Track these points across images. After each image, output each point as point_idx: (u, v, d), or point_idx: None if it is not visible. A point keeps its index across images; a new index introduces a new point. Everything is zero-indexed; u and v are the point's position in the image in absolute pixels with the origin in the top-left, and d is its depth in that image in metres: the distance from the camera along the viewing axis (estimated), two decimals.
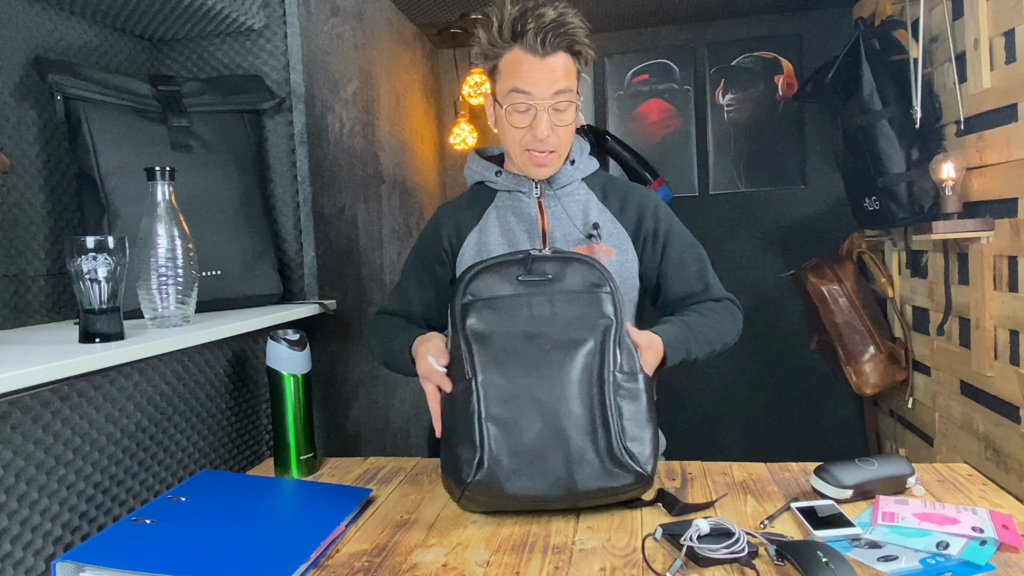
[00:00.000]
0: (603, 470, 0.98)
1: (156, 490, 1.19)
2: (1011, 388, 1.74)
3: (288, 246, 1.63)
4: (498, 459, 0.98)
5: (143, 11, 1.44)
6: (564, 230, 1.29)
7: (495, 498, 1.00)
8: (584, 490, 0.99)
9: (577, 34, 1.20)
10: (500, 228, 1.32)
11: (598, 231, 1.29)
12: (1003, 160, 1.75)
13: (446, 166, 3.26)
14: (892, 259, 2.54)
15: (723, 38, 3.01)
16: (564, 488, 0.98)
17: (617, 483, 0.99)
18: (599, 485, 0.99)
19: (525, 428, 0.98)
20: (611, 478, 0.99)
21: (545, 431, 0.98)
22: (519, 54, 1.20)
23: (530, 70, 1.19)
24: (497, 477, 0.97)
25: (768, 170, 3.00)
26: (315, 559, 0.95)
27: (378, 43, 2.31)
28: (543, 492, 0.98)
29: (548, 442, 0.98)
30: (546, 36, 1.17)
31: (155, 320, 1.13)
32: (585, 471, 0.98)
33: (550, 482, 0.98)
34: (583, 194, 1.33)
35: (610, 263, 1.29)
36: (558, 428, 0.98)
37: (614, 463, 0.98)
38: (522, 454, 0.98)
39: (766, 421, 3.06)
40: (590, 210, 1.31)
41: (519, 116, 1.22)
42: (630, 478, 0.99)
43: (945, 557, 0.87)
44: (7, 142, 1.22)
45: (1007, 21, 1.70)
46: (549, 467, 0.98)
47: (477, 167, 1.37)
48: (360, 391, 1.98)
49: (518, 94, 1.20)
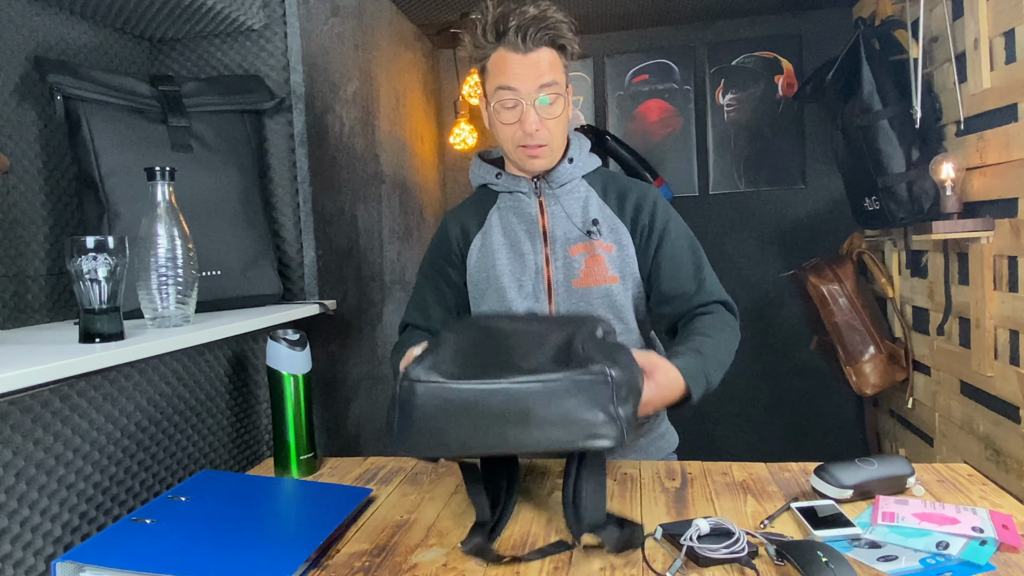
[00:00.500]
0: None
1: (156, 490, 1.19)
2: (1011, 388, 1.74)
3: (288, 246, 1.63)
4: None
5: (143, 11, 1.44)
6: (564, 228, 1.30)
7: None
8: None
9: (559, 28, 1.22)
10: (502, 229, 1.33)
11: (597, 227, 1.29)
12: (1003, 160, 1.75)
13: (446, 166, 3.26)
14: (892, 259, 2.54)
15: (723, 38, 3.01)
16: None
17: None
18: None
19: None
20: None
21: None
22: (503, 53, 1.22)
23: (514, 67, 1.21)
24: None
25: (768, 170, 3.00)
26: (315, 559, 0.95)
27: (378, 43, 2.31)
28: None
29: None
30: (527, 32, 1.19)
31: (155, 320, 1.13)
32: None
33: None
34: (583, 191, 1.33)
35: (610, 258, 1.29)
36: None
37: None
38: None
39: (766, 421, 3.06)
40: (590, 206, 1.32)
41: (507, 112, 1.24)
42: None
43: (945, 557, 0.87)
44: (7, 142, 1.22)
45: (1007, 21, 1.70)
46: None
47: (479, 170, 1.39)
48: (360, 391, 1.98)
49: (505, 91, 1.22)
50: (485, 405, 0.88)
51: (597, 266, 1.29)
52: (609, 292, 1.29)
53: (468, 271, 1.36)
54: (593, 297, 1.30)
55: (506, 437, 0.88)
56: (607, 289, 1.29)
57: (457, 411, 0.89)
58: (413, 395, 0.90)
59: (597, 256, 1.29)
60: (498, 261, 1.32)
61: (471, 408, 0.88)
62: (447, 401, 0.89)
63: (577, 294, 1.30)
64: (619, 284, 1.30)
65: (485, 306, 1.34)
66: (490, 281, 1.33)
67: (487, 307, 1.34)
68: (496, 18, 1.21)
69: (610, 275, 1.29)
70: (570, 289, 1.30)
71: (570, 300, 1.30)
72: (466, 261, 1.36)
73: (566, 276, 1.30)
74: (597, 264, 1.29)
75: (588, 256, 1.29)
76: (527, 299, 1.31)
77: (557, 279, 1.30)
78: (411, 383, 0.90)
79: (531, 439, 0.88)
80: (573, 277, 1.29)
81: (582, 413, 0.87)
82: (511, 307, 1.31)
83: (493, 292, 1.32)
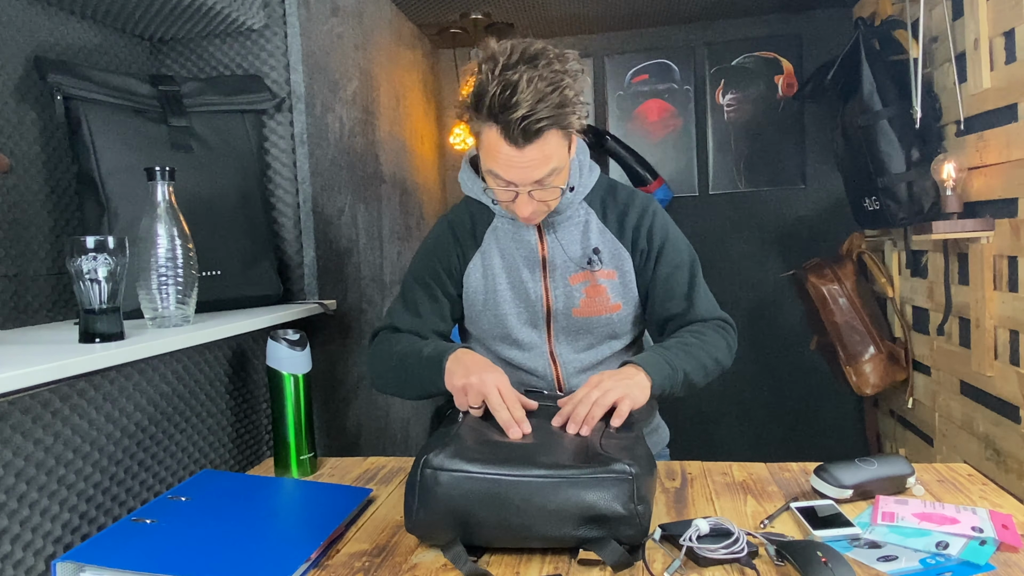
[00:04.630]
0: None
1: (156, 490, 1.19)
2: (1011, 388, 1.74)
3: (288, 246, 1.63)
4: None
5: (143, 11, 1.44)
6: (563, 258, 1.26)
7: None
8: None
9: (556, 116, 1.04)
10: (500, 253, 1.29)
11: (598, 256, 1.25)
12: (1003, 160, 1.75)
13: (446, 166, 3.26)
14: (892, 259, 2.54)
15: (723, 38, 3.01)
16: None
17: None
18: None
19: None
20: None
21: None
22: (497, 137, 1.06)
23: (508, 160, 1.07)
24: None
25: (768, 170, 3.00)
26: (315, 559, 0.95)
27: (378, 43, 2.31)
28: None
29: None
30: (525, 129, 1.04)
31: (155, 320, 1.13)
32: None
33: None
34: (582, 216, 1.28)
35: (612, 287, 1.26)
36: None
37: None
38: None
39: (766, 421, 3.06)
40: (590, 233, 1.27)
41: (501, 192, 1.14)
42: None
43: (945, 557, 0.87)
44: (7, 142, 1.22)
45: (1007, 21, 1.70)
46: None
47: (472, 184, 1.29)
48: (360, 391, 1.98)
49: (497, 178, 1.12)
50: (508, 496, 0.90)
51: (599, 296, 1.26)
52: (610, 321, 1.27)
53: (465, 288, 1.31)
54: (594, 326, 1.27)
55: (528, 527, 0.91)
56: (608, 319, 1.27)
57: (480, 499, 0.90)
58: (437, 483, 0.91)
59: (598, 286, 1.26)
60: (499, 287, 1.28)
61: (494, 498, 0.90)
62: (470, 491, 0.91)
63: (577, 323, 1.27)
64: (621, 311, 1.27)
65: (484, 325, 1.31)
66: (487, 306, 1.29)
67: (485, 326, 1.31)
68: (493, 94, 1.03)
69: (612, 304, 1.26)
70: (570, 318, 1.27)
71: (569, 328, 1.28)
72: (463, 278, 1.30)
73: (566, 305, 1.26)
74: (599, 294, 1.26)
75: (588, 285, 1.26)
76: (525, 326, 1.28)
77: (556, 308, 1.27)
78: (434, 471, 0.91)
79: (552, 531, 0.91)
80: (573, 306, 1.26)
81: (603, 508, 0.89)
82: (510, 334, 1.29)
83: (491, 316, 1.29)
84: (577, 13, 2.81)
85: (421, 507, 0.92)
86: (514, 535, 0.92)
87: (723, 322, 1.28)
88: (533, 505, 0.90)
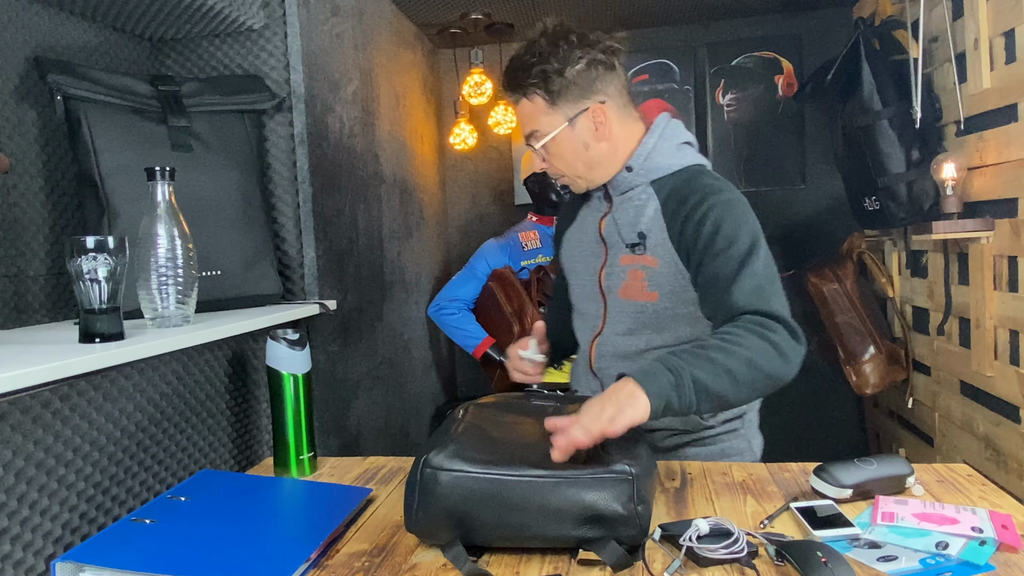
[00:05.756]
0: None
1: (156, 490, 1.19)
2: (1011, 388, 1.74)
3: (288, 246, 1.63)
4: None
5: (143, 11, 1.44)
6: (615, 237, 1.29)
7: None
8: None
9: (525, 78, 1.20)
10: (582, 227, 1.37)
11: (644, 241, 1.24)
12: (1003, 160, 1.75)
13: (446, 166, 3.26)
14: (892, 259, 2.54)
15: (723, 38, 3.01)
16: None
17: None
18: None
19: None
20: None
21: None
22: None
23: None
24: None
25: (768, 170, 3.00)
26: (315, 559, 0.95)
27: (378, 43, 2.31)
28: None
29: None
30: (505, 85, 1.23)
31: (155, 320, 1.13)
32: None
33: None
34: (643, 200, 1.25)
35: (651, 274, 1.23)
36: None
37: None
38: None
39: (766, 421, 3.05)
40: (643, 217, 1.24)
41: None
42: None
43: (944, 557, 0.87)
44: (7, 142, 1.22)
45: (1007, 21, 1.70)
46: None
47: None
48: (360, 391, 1.98)
49: None
50: (508, 495, 0.91)
51: (636, 282, 1.26)
52: (643, 309, 1.25)
53: (561, 258, 1.44)
54: (630, 311, 1.27)
55: (528, 527, 0.91)
56: (642, 306, 1.25)
57: (480, 499, 0.91)
58: (436, 483, 0.91)
59: (638, 272, 1.25)
60: (575, 258, 1.38)
61: (494, 497, 0.91)
62: (470, 491, 0.91)
63: (619, 304, 1.29)
64: (657, 303, 1.24)
65: (571, 294, 1.41)
66: (569, 276, 1.40)
67: (572, 297, 1.41)
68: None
69: (647, 292, 1.24)
70: (616, 298, 1.29)
71: (615, 308, 1.30)
72: (560, 249, 1.44)
73: (615, 284, 1.28)
74: (637, 279, 1.26)
75: (632, 269, 1.26)
76: (588, 300, 1.34)
77: (608, 286, 1.29)
78: (434, 471, 0.92)
79: (551, 531, 0.91)
80: (618, 287, 1.28)
81: (603, 508, 0.90)
82: (578, 305, 1.38)
83: (571, 286, 1.40)
84: (577, 13, 2.81)
85: (421, 507, 0.92)
86: (514, 535, 0.92)
87: (763, 317, 1.11)
88: (533, 505, 0.90)
